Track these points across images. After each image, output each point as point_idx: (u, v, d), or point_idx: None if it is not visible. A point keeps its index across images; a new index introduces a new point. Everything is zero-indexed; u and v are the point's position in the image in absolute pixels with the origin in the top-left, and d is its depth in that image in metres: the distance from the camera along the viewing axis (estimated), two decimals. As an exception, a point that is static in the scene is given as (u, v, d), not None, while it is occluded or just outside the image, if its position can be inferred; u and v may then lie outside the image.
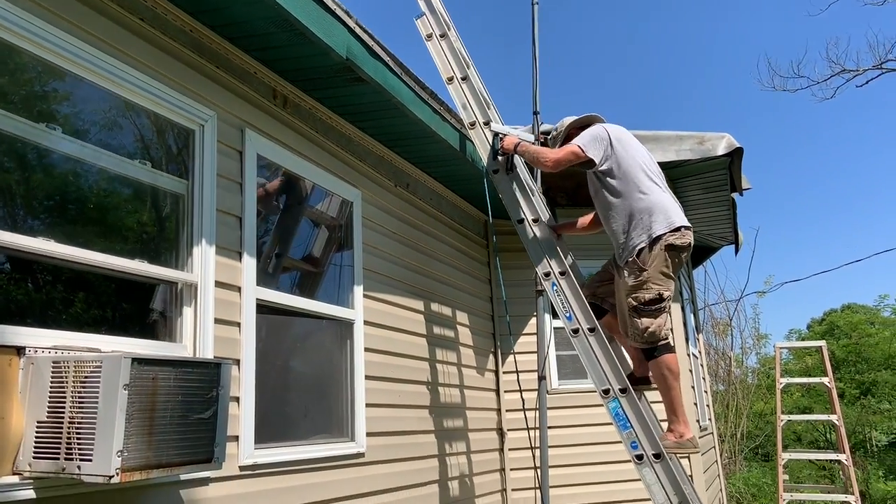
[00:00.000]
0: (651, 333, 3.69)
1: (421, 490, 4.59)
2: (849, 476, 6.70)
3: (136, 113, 2.91)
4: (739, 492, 11.18)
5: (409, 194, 5.08)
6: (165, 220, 3.07)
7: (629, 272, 3.75)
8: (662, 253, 3.69)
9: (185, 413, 2.30)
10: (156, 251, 2.98)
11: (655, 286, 3.68)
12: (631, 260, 3.74)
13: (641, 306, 3.68)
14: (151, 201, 3.05)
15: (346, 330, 4.11)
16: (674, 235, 3.70)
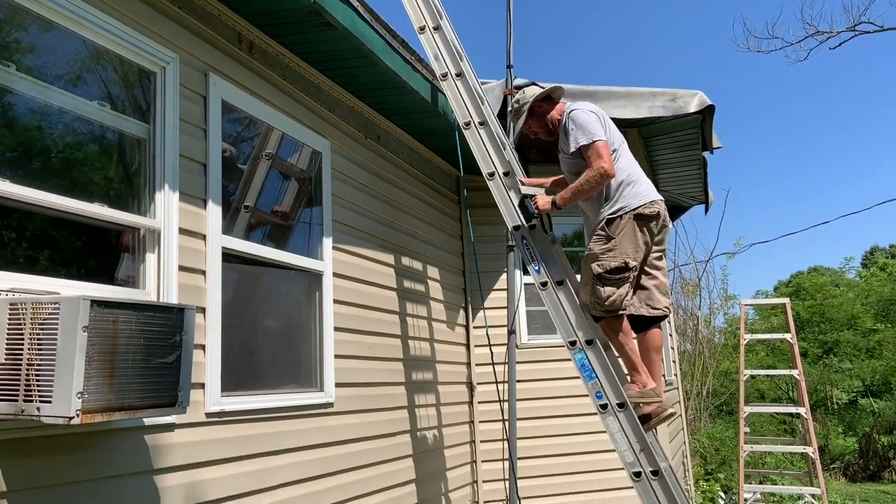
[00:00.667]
0: (612, 302, 3.71)
1: (391, 440, 4.64)
2: (808, 429, 6.92)
3: (95, 53, 2.82)
4: (703, 447, 11.50)
5: (380, 147, 5.02)
6: (127, 164, 3.00)
7: (597, 239, 3.79)
8: (632, 222, 3.73)
9: (147, 357, 2.29)
10: (117, 196, 2.92)
11: (622, 255, 3.71)
12: (600, 227, 3.78)
13: (605, 274, 3.71)
14: (113, 145, 2.98)
15: (315, 281, 4.10)
16: (644, 206, 3.75)
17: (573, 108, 3.95)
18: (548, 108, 4.16)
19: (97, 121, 2.83)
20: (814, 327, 19.79)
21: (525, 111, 4.18)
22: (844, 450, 16.17)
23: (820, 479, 6.67)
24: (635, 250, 3.74)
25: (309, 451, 3.74)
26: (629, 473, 3.63)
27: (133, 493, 2.64)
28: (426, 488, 5.06)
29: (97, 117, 2.82)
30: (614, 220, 3.75)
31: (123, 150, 3.00)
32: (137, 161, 2.98)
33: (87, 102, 2.77)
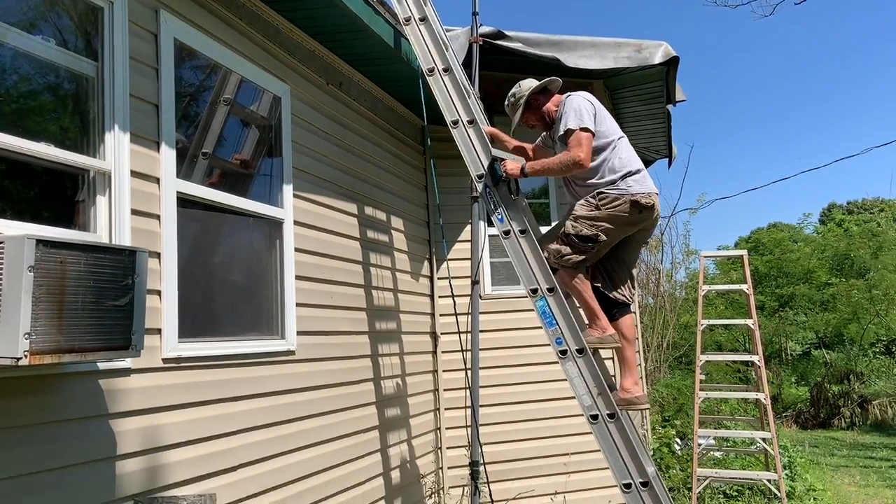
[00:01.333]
0: (565, 258, 3.79)
1: (354, 388, 4.67)
2: (761, 376, 7.14)
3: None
4: (662, 396, 11.82)
5: (342, 94, 4.92)
6: (76, 104, 2.90)
7: (586, 204, 3.82)
8: (626, 206, 3.76)
9: (98, 299, 2.24)
10: (66, 137, 2.83)
11: (598, 228, 3.75)
12: (592, 195, 3.81)
13: (574, 236, 3.76)
14: (60, 84, 2.87)
15: (275, 229, 4.04)
16: (642, 195, 3.79)
17: (570, 95, 3.95)
18: (544, 101, 4.11)
19: (43, 58, 2.71)
20: (771, 281, 20.27)
21: (522, 105, 4.10)
22: (797, 399, 16.78)
23: (771, 424, 6.91)
24: (613, 230, 3.79)
25: (270, 397, 3.74)
26: (587, 416, 3.72)
27: (89, 436, 2.62)
28: (389, 435, 5.13)
29: (42, 54, 2.70)
30: (609, 196, 3.78)
31: (71, 90, 2.89)
32: (87, 101, 2.87)
33: (31, 38, 2.65)
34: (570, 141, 3.78)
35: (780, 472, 6.83)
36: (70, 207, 2.79)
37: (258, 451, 3.59)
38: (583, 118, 3.78)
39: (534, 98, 4.11)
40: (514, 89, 4.19)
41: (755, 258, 20.35)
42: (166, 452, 2.98)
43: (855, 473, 10.05)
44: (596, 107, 3.90)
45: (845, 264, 19.58)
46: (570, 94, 3.96)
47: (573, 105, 3.84)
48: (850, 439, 13.10)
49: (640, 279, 15.07)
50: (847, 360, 17.96)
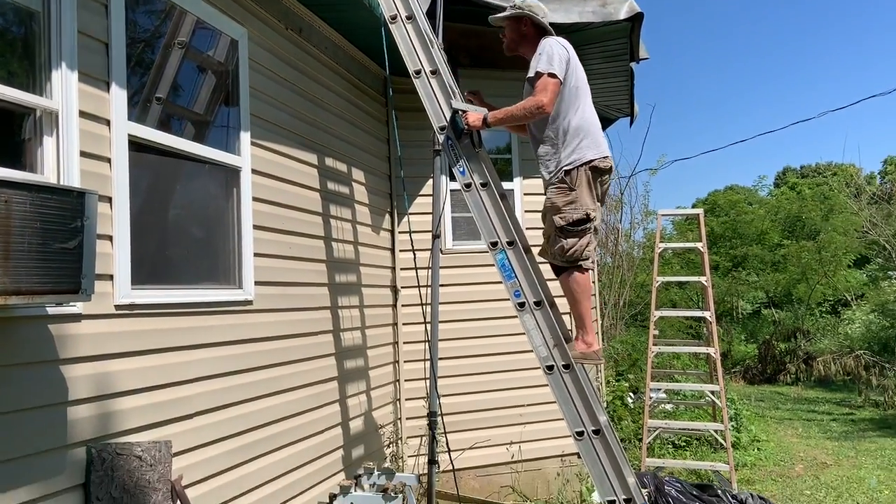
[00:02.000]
0: (572, 252, 3.76)
1: (313, 339, 4.67)
2: (711, 332, 7.35)
3: None
4: (617, 351, 12.10)
5: (302, 40, 4.80)
6: (22, 40, 2.76)
7: (558, 192, 3.78)
8: (588, 174, 3.75)
9: (45, 241, 2.18)
10: (11, 74, 2.70)
11: (583, 206, 3.74)
12: (559, 179, 3.77)
13: (568, 226, 3.74)
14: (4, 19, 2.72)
15: (232, 177, 3.96)
16: (599, 160, 3.77)
17: (548, 38, 3.87)
18: (531, 36, 3.98)
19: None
20: (726, 242, 20.75)
21: (514, 15, 3.97)
22: (746, 355, 17.37)
23: (719, 378, 7.15)
24: (593, 201, 3.79)
25: (228, 346, 3.72)
26: (543, 367, 3.79)
27: (39, 382, 2.57)
28: (348, 386, 5.16)
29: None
30: (571, 171, 3.75)
31: (17, 25, 2.76)
32: (33, 37, 2.74)
33: (-32, -34, 2.51)
34: (537, 85, 3.73)
35: (726, 423, 7.10)
36: (16, 147, 2.69)
37: (216, 400, 3.58)
38: (552, 63, 3.71)
39: (527, 23, 3.97)
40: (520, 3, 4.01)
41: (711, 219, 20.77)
42: (120, 399, 2.95)
43: (798, 426, 10.51)
44: (570, 55, 3.84)
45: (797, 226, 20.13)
46: (550, 39, 3.88)
47: (547, 48, 3.77)
48: (795, 394, 13.66)
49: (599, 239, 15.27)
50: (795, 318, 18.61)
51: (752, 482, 7.26)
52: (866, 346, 15.10)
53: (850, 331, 17.06)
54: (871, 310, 17.00)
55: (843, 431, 10.06)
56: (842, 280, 18.96)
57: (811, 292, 18.44)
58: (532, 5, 4.00)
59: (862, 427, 10.39)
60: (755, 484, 7.18)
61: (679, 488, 6.04)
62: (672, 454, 8.07)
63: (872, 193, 20.25)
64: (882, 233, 17.19)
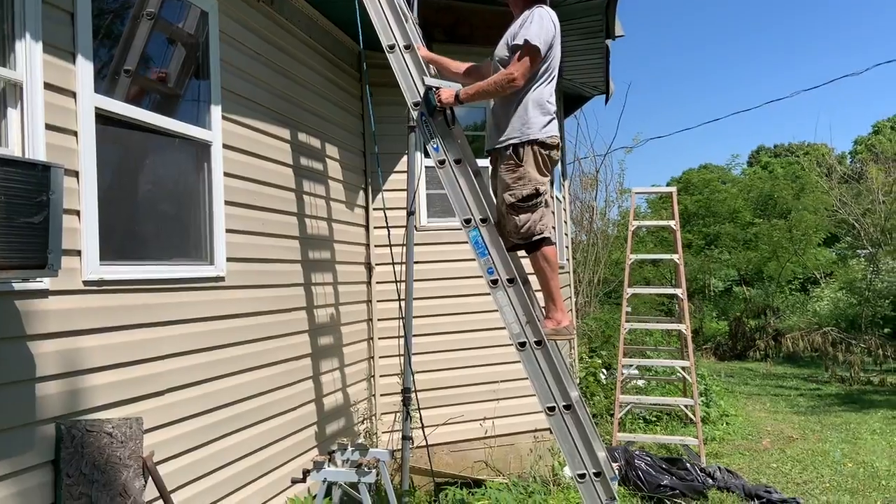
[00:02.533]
0: (528, 229, 3.75)
1: (286, 315, 4.66)
2: (682, 309, 7.46)
3: None
4: (591, 329, 12.25)
5: (273, 12, 4.72)
6: (-20, 9, 2.69)
7: (506, 168, 3.78)
8: (535, 149, 3.74)
9: (10, 215, 2.15)
10: (-30, 44, 2.63)
11: (531, 182, 3.73)
12: (508, 154, 3.77)
13: (518, 203, 3.73)
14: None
15: (203, 152, 3.91)
16: (548, 137, 3.76)
17: (543, 8, 3.80)
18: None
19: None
20: (699, 220, 21.00)
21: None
22: (717, 332, 17.69)
23: (690, 354, 7.28)
24: (541, 175, 3.78)
25: (199, 323, 3.70)
26: (515, 344, 3.82)
27: (6, 358, 2.54)
28: (322, 362, 5.17)
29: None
30: (520, 147, 3.75)
31: (-26, -8, 2.68)
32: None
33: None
34: (517, 56, 3.68)
35: (696, 398, 7.24)
36: (-23, 120, 2.63)
37: (187, 376, 3.57)
38: (538, 38, 3.66)
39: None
40: None
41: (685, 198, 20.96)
42: (90, 375, 2.93)
43: (766, 401, 10.75)
44: (556, 33, 3.80)
45: (769, 205, 20.41)
46: (543, 8, 3.81)
47: (538, 20, 3.71)
48: (764, 370, 13.95)
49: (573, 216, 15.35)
50: (765, 296, 18.95)
51: (721, 456, 7.43)
52: (834, 322, 15.46)
53: (819, 308, 17.44)
54: (840, 287, 17.38)
55: (810, 406, 10.31)
56: (811, 258, 19.31)
57: (781, 270, 18.77)
58: None
59: (828, 402, 10.66)
60: (723, 458, 7.35)
61: (649, 462, 6.16)
62: (643, 429, 8.22)
63: (843, 173, 20.57)
64: (851, 211, 17.51)
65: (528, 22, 3.73)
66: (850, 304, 16.16)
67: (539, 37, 3.68)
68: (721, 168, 26.92)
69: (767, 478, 6.67)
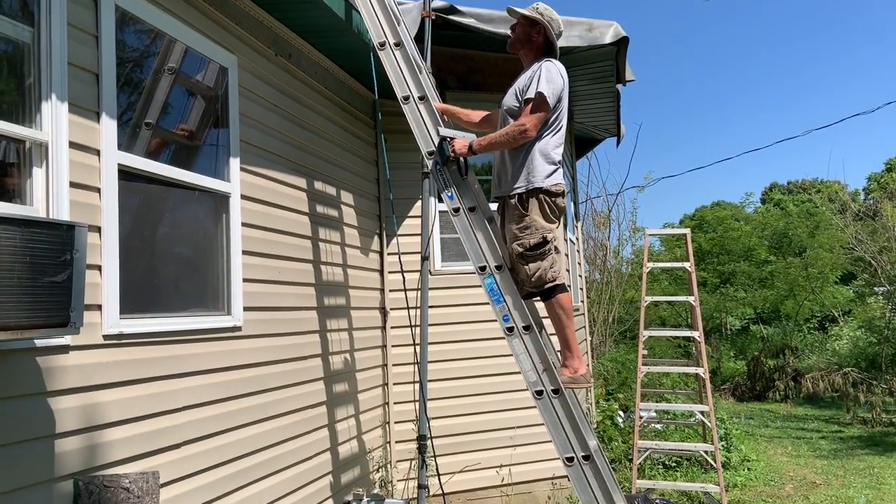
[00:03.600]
0: (539, 277, 3.77)
1: (302, 363, 4.66)
2: (700, 351, 7.38)
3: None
4: (606, 369, 12.12)
5: (291, 65, 4.83)
6: (10, 72, 2.77)
7: (512, 218, 3.83)
8: (540, 198, 3.78)
9: (34, 275, 2.18)
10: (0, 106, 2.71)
11: (539, 230, 3.76)
12: (514, 204, 3.81)
13: (527, 252, 3.76)
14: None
15: (221, 203, 3.97)
16: (553, 185, 3.81)
17: (552, 61, 3.90)
18: (539, 45, 4.00)
19: (-29, 21, 2.59)
20: (714, 258, 20.87)
21: (533, 18, 3.96)
22: (735, 372, 17.41)
23: (709, 398, 7.17)
24: (549, 222, 3.81)
25: (216, 374, 3.71)
26: (532, 392, 3.80)
27: (27, 415, 2.56)
28: (338, 410, 5.14)
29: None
30: (525, 197, 3.79)
31: (4, 55, 2.76)
32: (22, 68, 2.75)
33: (-42, -1, 2.52)
34: (527, 109, 3.76)
35: (716, 444, 7.11)
36: (4, 179, 2.69)
37: (204, 428, 3.56)
38: (549, 92, 3.74)
39: (539, 33, 3.97)
40: (543, 9, 4.00)
41: (699, 235, 20.90)
42: (108, 430, 2.93)
43: (787, 444, 10.53)
44: (565, 86, 3.88)
45: (784, 242, 20.28)
46: (553, 62, 3.90)
47: (549, 74, 3.78)
48: (784, 411, 13.69)
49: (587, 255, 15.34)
50: (783, 335, 18.69)
51: (743, 503, 7.26)
52: (854, 362, 15.20)
53: (838, 347, 17.17)
54: (858, 326, 17.13)
55: (832, 449, 10.09)
56: (829, 296, 19.10)
57: (799, 308, 18.56)
58: (553, 18, 4.02)
59: (850, 445, 10.42)
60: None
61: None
62: (663, 475, 8.07)
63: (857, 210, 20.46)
64: (867, 249, 17.36)
65: (538, 75, 3.81)
66: (869, 342, 15.90)
67: (550, 90, 3.76)
68: (734, 205, 26.87)
69: (792, 526, 6.50)
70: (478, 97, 6.55)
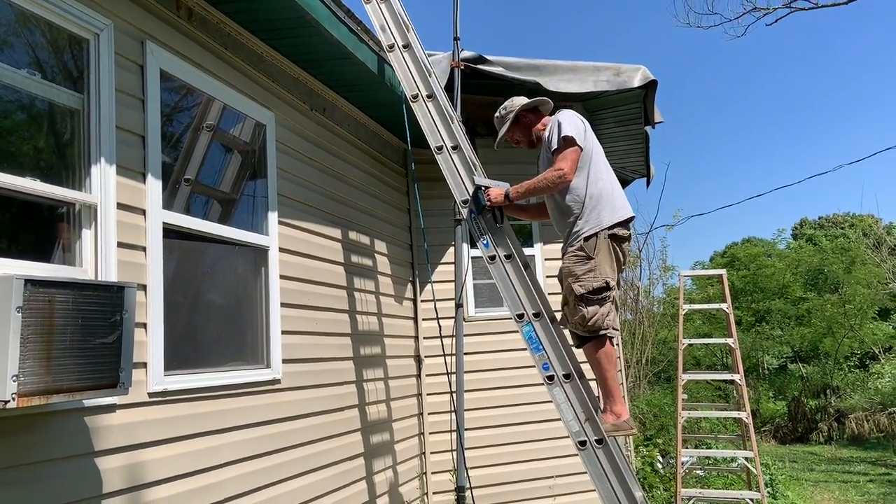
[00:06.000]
0: (594, 322, 3.72)
1: (339, 415, 4.63)
2: (742, 395, 7.20)
3: (23, 17, 2.66)
4: (643, 412, 11.86)
5: (325, 119, 4.93)
6: (61, 136, 2.87)
7: (577, 259, 3.79)
8: (607, 242, 3.76)
9: (86, 337, 2.21)
10: (51, 170, 2.79)
11: (602, 274, 3.73)
12: (578, 247, 3.79)
13: (588, 294, 3.71)
14: (44, 116, 2.83)
15: (260, 257, 4.02)
16: (618, 226, 3.79)
17: (561, 112, 3.95)
18: (533, 120, 4.12)
19: (26, 90, 2.68)
20: (747, 296, 20.52)
21: (510, 119, 4.09)
22: (774, 413, 16.94)
23: (753, 443, 6.97)
24: (612, 270, 3.78)
25: (256, 428, 3.70)
26: (574, 442, 3.72)
27: (73, 475, 2.56)
28: (375, 461, 5.09)
29: (27, 86, 2.67)
30: (590, 238, 3.77)
31: (56, 122, 2.86)
32: (71, 133, 2.85)
33: (14, 70, 2.62)
34: (557, 156, 3.78)
35: (762, 491, 6.89)
36: (55, 241, 2.75)
37: (245, 484, 3.54)
38: (571, 133, 3.76)
39: (523, 115, 4.11)
40: (506, 103, 4.17)
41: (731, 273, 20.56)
42: (153, 489, 2.92)
43: (834, 489, 10.16)
44: (585, 125, 3.91)
45: (819, 279, 19.90)
46: (561, 111, 3.94)
47: (566, 120, 3.83)
48: (828, 454, 13.25)
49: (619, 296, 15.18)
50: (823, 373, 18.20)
51: (793, 551, 6.98)
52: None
53: (881, 385, 16.66)
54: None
55: (881, 493, 9.71)
56: (868, 333, 18.61)
57: (838, 346, 18.08)
58: (515, 100, 4.14)
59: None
60: (796, 553, 6.90)
61: (717, 561, 5.82)
62: (707, 522, 7.81)
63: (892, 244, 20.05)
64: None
65: (555, 128, 3.84)
66: (913, 380, 15.42)
67: (570, 132, 3.77)
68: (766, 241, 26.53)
69: (847, 577, 6.22)
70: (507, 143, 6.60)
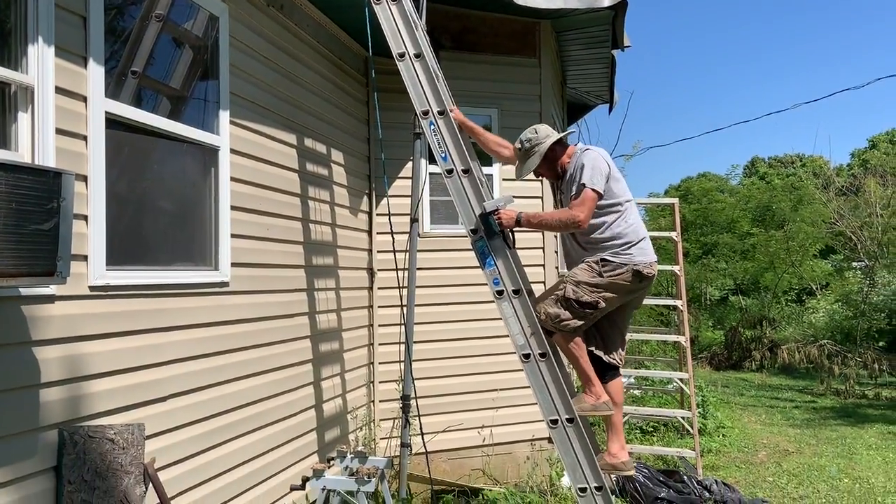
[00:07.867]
0: (562, 323, 3.75)
1: (288, 321, 4.64)
2: (683, 321, 7.46)
3: None
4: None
5: (283, 17, 4.71)
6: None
7: (588, 269, 3.78)
8: (628, 274, 3.74)
9: (20, 222, 2.13)
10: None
11: (599, 294, 3.73)
12: (595, 261, 3.77)
13: (574, 301, 3.72)
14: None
15: (210, 157, 3.90)
16: (645, 266, 3.78)
17: (588, 149, 3.87)
18: (560, 152, 3.98)
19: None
20: (697, 229, 21.01)
21: (540, 154, 3.91)
22: (712, 341, 17.67)
23: (689, 366, 7.27)
24: (614, 298, 3.78)
25: (202, 328, 3.68)
26: (519, 355, 3.82)
27: (10, 363, 2.52)
28: (323, 368, 5.15)
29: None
30: (613, 264, 3.75)
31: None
32: (7, 9, 2.65)
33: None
34: (576, 199, 3.73)
35: (694, 410, 7.23)
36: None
37: (190, 382, 3.55)
38: (594, 177, 3.71)
39: (551, 150, 3.94)
40: (530, 134, 3.97)
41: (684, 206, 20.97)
42: (93, 381, 2.91)
43: (761, 412, 10.75)
44: (611, 166, 3.84)
45: (767, 215, 20.43)
46: (588, 149, 3.88)
47: (590, 161, 3.76)
48: (759, 381, 13.95)
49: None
50: (761, 306, 18.95)
51: (717, 468, 7.42)
52: (829, 335, 15.48)
53: (815, 319, 17.46)
54: (836, 300, 17.40)
55: (805, 419, 10.32)
56: (808, 270, 19.34)
57: (778, 281, 18.78)
58: (540, 129, 3.99)
59: (823, 415, 10.67)
60: (720, 470, 7.35)
61: (647, 474, 6.15)
62: (640, 440, 8.21)
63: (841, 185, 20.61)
64: (849, 224, 17.54)
65: (582, 167, 3.77)
66: (845, 316, 16.18)
67: (594, 177, 3.72)
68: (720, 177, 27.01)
69: (764, 492, 6.66)
70: (472, 58, 6.46)
